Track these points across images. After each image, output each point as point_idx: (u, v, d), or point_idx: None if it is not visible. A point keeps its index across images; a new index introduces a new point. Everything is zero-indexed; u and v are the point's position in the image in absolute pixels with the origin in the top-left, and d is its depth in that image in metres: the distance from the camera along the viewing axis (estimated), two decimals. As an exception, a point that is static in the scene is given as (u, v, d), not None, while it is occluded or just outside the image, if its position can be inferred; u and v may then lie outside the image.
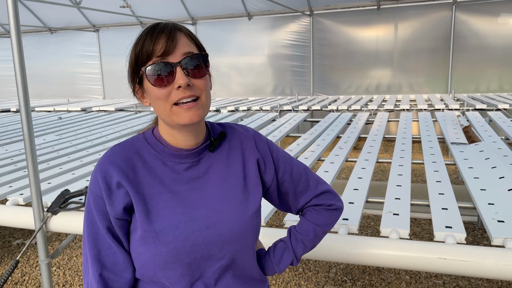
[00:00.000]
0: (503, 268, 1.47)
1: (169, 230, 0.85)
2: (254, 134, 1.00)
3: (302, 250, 1.06)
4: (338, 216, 1.07)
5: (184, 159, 0.91)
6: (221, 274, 0.91)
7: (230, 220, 0.89)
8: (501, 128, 3.82)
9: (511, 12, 7.75)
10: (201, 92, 0.86)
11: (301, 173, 1.03)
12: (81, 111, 6.90)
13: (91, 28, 10.59)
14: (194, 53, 0.85)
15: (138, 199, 0.86)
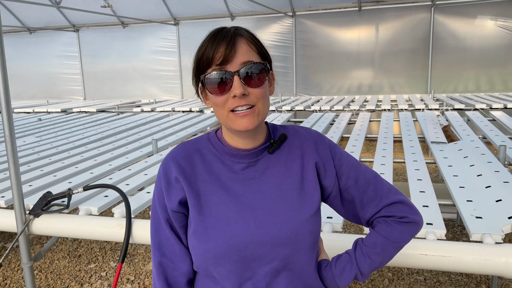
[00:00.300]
0: (481, 263, 1.51)
1: (219, 226, 0.88)
2: (316, 137, 0.97)
3: (368, 265, 0.95)
4: (413, 230, 0.95)
5: (241, 159, 0.93)
6: (273, 278, 0.90)
7: (281, 222, 0.88)
8: (479, 127, 3.92)
9: (487, 14, 7.96)
10: (256, 100, 0.87)
11: (368, 181, 0.96)
12: (61, 112, 6.79)
13: (71, 28, 10.43)
14: (253, 62, 0.86)
15: (192, 195, 0.91)
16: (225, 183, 0.91)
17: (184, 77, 9.99)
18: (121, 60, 10.33)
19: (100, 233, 2.00)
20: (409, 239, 0.96)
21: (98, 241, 4.06)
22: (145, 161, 3.09)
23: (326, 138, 0.99)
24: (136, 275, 3.39)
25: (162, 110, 6.54)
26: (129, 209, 2.01)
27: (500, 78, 8.12)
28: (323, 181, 0.95)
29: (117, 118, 5.68)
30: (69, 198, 2.15)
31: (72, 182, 2.60)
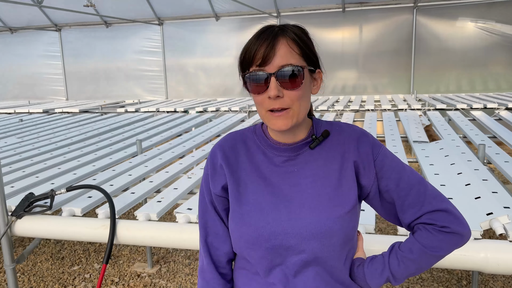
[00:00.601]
0: (461, 258, 1.55)
1: (253, 214, 0.93)
2: (359, 136, 0.96)
3: (402, 270, 0.94)
4: (455, 241, 0.92)
5: (282, 153, 0.96)
6: (301, 268, 0.93)
7: (313, 216, 0.90)
8: (460, 127, 4.00)
9: (468, 16, 8.12)
10: (291, 103, 0.89)
11: (411, 185, 0.93)
12: (43, 112, 6.69)
13: (53, 27, 10.28)
14: (291, 64, 0.87)
15: (233, 182, 0.97)
16: (265, 174, 0.96)
17: (169, 77, 9.94)
18: (105, 60, 10.22)
19: (84, 234, 1.99)
20: (451, 250, 0.93)
21: (81, 243, 4.01)
22: (129, 161, 3.07)
23: (370, 137, 0.97)
24: (120, 277, 3.36)
25: (147, 110, 6.49)
26: (113, 209, 2.00)
27: (481, 79, 8.29)
28: (362, 180, 0.95)
29: (101, 118, 5.62)
30: (52, 199, 2.13)
31: (55, 183, 2.57)
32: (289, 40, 0.89)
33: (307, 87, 0.92)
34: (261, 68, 0.88)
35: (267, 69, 0.87)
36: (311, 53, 0.93)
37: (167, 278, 3.32)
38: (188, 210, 2.06)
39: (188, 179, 2.61)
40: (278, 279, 0.94)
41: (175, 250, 3.80)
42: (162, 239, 1.90)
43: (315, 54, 0.94)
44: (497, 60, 8.15)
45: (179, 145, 3.62)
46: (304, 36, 0.92)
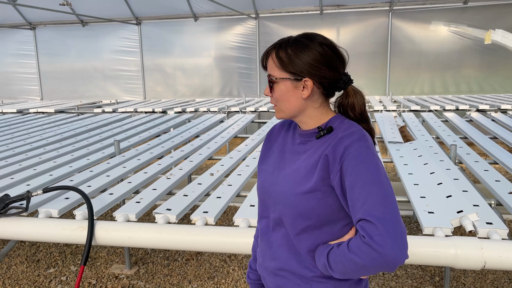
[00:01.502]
0: (433, 255, 1.61)
1: (262, 173, 1.24)
2: (343, 136, 1.07)
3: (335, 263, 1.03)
4: (371, 256, 0.93)
5: (300, 137, 1.19)
6: (276, 225, 1.18)
7: (284, 187, 1.13)
8: (432, 127, 4.12)
9: (441, 20, 8.34)
10: (275, 102, 1.16)
11: (363, 191, 0.98)
12: (17, 112, 6.54)
13: (27, 26, 10.04)
14: (270, 75, 1.14)
15: (266, 148, 1.29)
16: (285, 149, 1.22)
17: (147, 77, 9.85)
18: (81, 59, 10.05)
19: (61, 235, 1.97)
20: (367, 263, 0.94)
21: (57, 245, 3.95)
22: (107, 162, 3.04)
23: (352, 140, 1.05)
24: (98, 279, 3.33)
25: (124, 111, 6.42)
26: (91, 210, 1.98)
27: (453, 81, 8.54)
28: (330, 173, 1.06)
29: (77, 119, 5.54)
30: (28, 200, 2.09)
31: (31, 184, 2.53)
32: (274, 56, 1.13)
33: (284, 92, 1.13)
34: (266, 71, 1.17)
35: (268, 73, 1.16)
36: (293, 66, 1.09)
37: (146, 279, 3.31)
38: (167, 210, 2.07)
39: (167, 179, 2.61)
40: (262, 228, 1.24)
41: (154, 251, 3.78)
42: (141, 240, 1.90)
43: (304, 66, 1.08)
44: (469, 63, 8.41)
45: (158, 146, 3.60)
46: (293, 52, 1.09)
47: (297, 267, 1.15)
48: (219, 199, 2.25)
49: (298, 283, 1.15)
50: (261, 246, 1.25)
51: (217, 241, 1.83)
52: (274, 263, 1.19)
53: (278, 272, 1.19)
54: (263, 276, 1.27)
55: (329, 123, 1.14)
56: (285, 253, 1.16)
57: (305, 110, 1.14)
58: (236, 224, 1.97)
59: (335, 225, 1.11)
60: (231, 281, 3.24)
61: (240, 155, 3.27)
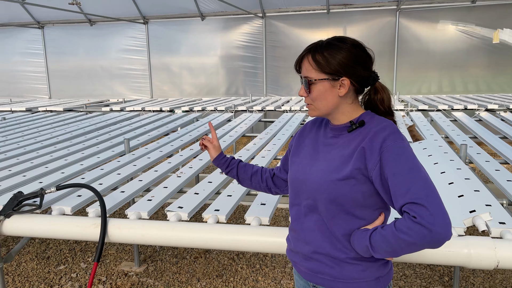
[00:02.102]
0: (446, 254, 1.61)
1: (294, 165, 1.33)
2: (378, 129, 1.16)
3: (378, 243, 1.12)
4: (422, 234, 1.03)
5: (332, 131, 1.29)
6: (308, 211, 1.26)
7: (317, 175, 1.22)
8: (441, 127, 4.11)
9: (449, 19, 8.30)
10: (312, 101, 1.24)
11: (405, 177, 1.08)
12: (27, 111, 6.59)
13: (35, 24, 10.11)
14: (307, 77, 1.21)
15: (297, 142, 1.38)
16: (318, 142, 1.32)
17: (154, 76, 9.89)
18: (88, 58, 10.10)
19: (74, 232, 1.99)
20: (417, 240, 1.04)
21: (67, 242, 3.98)
22: (117, 160, 3.06)
23: (387, 132, 1.15)
24: (107, 276, 3.35)
25: (132, 109, 6.46)
26: (104, 207, 2.00)
27: (461, 80, 8.50)
28: (368, 164, 1.15)
29: (86, 117, 5.57)
30: (42, 198, 2.12)
31: (43, 182, 2.55)
32: (310, 59, 1.21)
33: (321, 93, 1.22)
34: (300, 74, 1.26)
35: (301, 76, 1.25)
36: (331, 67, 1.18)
37: (155, 276, 3.33)
38: (179, 208, 2.08)
39: (178, 178, 2.62)
40: (293, 214, 1.33)
41: (162, 249, 3.80)
42: (154, 237, 1.91)
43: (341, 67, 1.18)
44: (477, 62, 8.37)
45: (167, 144, 3.62)
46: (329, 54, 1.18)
47: (331, 249, 1.23)
48: (229, 198, 2.26)
49: (331, 265, 1.23)
50: (292, 232, 1.34)
51: (230, 239, 1.84)
52: (307, 247, 1.27)
53: (311, 255, 1.26)
54: (294, 261, 1.34)
55: (360, 118, 1.24)
56: (318, 237, 1.24)
57: (339, 107, 1.24)
58: (248, 222, 1.98)
59: (367, 210, 1.20)
60: (240, 279, 3.25)
61: (249, 153, 3.28)
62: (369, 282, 1.22)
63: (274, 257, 3.58)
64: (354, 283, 1.21)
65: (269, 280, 3.23)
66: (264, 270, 3.38)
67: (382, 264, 1.24)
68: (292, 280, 3.21)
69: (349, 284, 1.22)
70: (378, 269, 1.23)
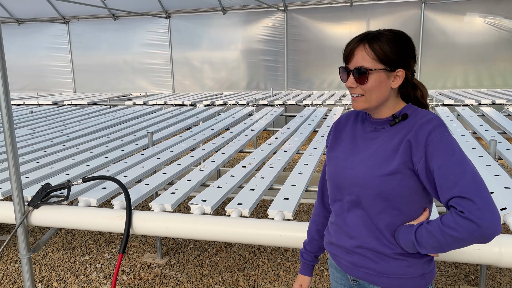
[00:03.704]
0: (476, 253, 1.58)
1: (333, 160, 1.31)
2: (423, 122, 1.15)
3: (425, 239, 1.11)
4: (470, 229, 1.02)
5: (371, 125, 1.27)
6: (352, 207, 1.25)
7: (361, 170, 1.21)
8: (469, 122, 4.00)
9: (476, 12, 8.07)
10: (363, 92, 1.19)
11: (452, 171, 1.07)
12: (53, 104, 6.73)
13: (60, 20, 10.30)
14: (362, 67, 1.16)
15: (334, 139, 1.35)
16: (356, 137, 1.30)
17: (176, 70, 9.96)
18: (112, 52, 10.24)
19: (100, 224, 2.02)
20: (465, 236, 1.03)
21: (92, 233, 4.06)
22: (141, 153, 3.10)
23: (432, 125, 1.13)
24: (131, 267, 3.40)
25: (155, 103, 6.52)
26: (129, 200, 2.03)
27: (488, 74, 8.26)
28: (413, 157, 1.14)
29: (110, 111, 5.66)
30: (69, 189, 2.16)
31: (70, 174, 2.60)
32: (367, 47, 1.17)
33: (377, 83, 1.18)
34: (346, 64, 1.21)
35: (349, 66, 1.19)
36: (388, 57, 1.16)
37: (177, 269, 3.36)
38: (203, 201, 2.09)
39: (201, 171, 2.64)
40: (336, 209, 1.31)
41: (184, 241, 3.84)
42: (177, 230, 1.93)
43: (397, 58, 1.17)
44: (505, 56, 8.11)
45: (189, 138, 3.64)
46: (386, 44, 1.16)
47: (377, 244, 1.22)
48: (252, 192, 2.26)
49: (375, 260, 1.22)
50: (335, 226, 1.33)
51: (253, 233, 1.84)
52: (352, 241, 1.26)
53: (355, 249, 1.25)
54: (335, 254, 1.33)
55: (403, 111, 1.22)
56: (363, 232, 1.23)
57: (388, 100, 1.22)
58: (271, 216, 1.97)
59: (412, 206, 1.19)
60: (261, 273, 3.26)
61: (271, 148, 3.27)
62: (414, 278, 1.20)
63: (296, 251, 3.57)
64: (399, 279, 1.21)
65: (291, 275, 3.22)
66: (285, 264, 3.38)
67: (427, 260, 1.23)
68: (315, 275, 3.19)
69: (393, 279, 1.21)
70: (423, 265, 1.21)
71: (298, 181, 2.40)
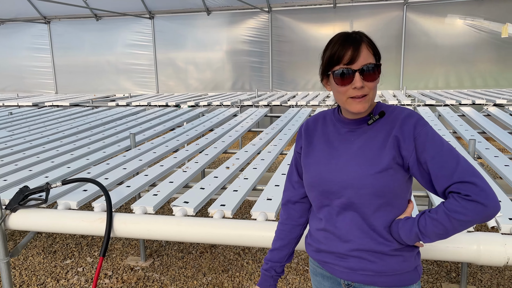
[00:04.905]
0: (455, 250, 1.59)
1: (314, 166, 1.26)
2: (405, 116, 1.17)
3: (429, 228, 1.12)
4: (477, 210, 1.06)
5: (346, 125, 1.25)
6: (342, 210, 1.22)
7: (350, 171, 1.18)
8: (449, 122, 4.06)
9: (457, 13, 8.21)
10: (369, 91, 1.16)
11: (446, 159, 1.10)
12: (33, 106, 6.61)
13: (41, 20, 10.13)
14: (371, 63, 1.14)
15: (306, 143, 1.32)
16: (330, 140, 1.27)
17: (160, 71, 9.88)
18: (94, 53, 10.12)
19: (80, 227, 1.99)
20: (473, 217, 1.07)
21: (73, 237, 4.00)
22: (123, 155, 3.06)
23: (415, 118, 1.16)
24: (114, 270, 3.36)
25: (138, 104, 6.46)
26: (110, 202, 2.00)
27: (468, 75, 8.41)
28: (402, 152, 1.16)
29: (92, 112, 5.58)
30: (47, 192, 2.12)
31: (49, 176, 2.55)
32: (367, 45, 1.16)
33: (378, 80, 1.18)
34: (348, 66, 1.14)
35: (353, 66, 1.13)
36: (379, 53, 1.19)
37: (161, 271, 3.33)
38: (185, 203, 2.07)
39: (184, 172, 2.62)
40: (324, 215, 1.27)
41: (168, 243, 3.80)
42: (159, 232, 1.91)
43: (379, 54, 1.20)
44: (485, 57, 8.27)
45: (173, 139, 3.62)
46: (373, 41, 1.18)
47: (373, 244, 1.21)
48: (235, 193, 2.25)
49: (373, 260, 1.21)
50: (324, 233, 1.28)
51: (235, 234, 1.83)
52: (346, 245, 1.23)
53: (351, 253, 1.23)
54: (326, 261, 1.29)
55: (378, 109, 1.23)
56: (357, 234, 1.21)
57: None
58: (254, 217, 1.97)
59: (401, 199, 1.21)
60: (246, 274, 3.25)
61: (255, 149, 3.26)
62: (410, 272, 1.22)
63: (280, 252, 3.57)
64: (397, 275, 1.21)
65: (275, 275, 3.22)
66: (270, 265, 3.37)
67: (417, 253, 1.26)
68: (298, 275, 3.20)
69: (392, 277, 1.21)
70: (416, 258, 1.24)
71: (282, 182, 2.40)
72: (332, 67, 1.17)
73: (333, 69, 1.16)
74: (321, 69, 1.23)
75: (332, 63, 1.16)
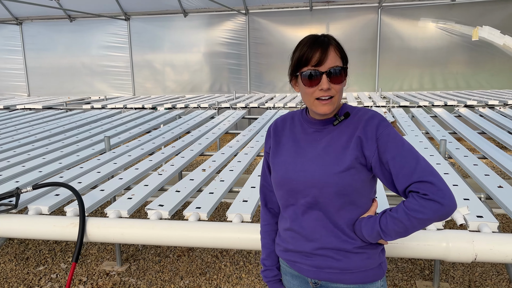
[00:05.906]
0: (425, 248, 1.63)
1: (281, 165, 1.29)
2: (368, 118, 1.21)
3: (390, 226, 1.16)
4: (434, 209, 1.10)
5: (313, 125, 1.28)
6: (307, 209, 1.25)
7: (315, 170, 1.21)
8: (422, 123, 4.16)
9: (429, 17, 8.41)
10: (336, 93, 1.19)
11: (406, 159, 1.14)
12: (4, 109, 6.44)
13: (13, 21, 9.88)
14: (338, 66, 1.17)
15: (275, 143, 1.35)
16: (298, 139, 1.30)
17: (136, 73, 9.76)
18: (68, 55, 9.92)
19: (52, 232, 1.95)
20: (431, 216, 1.11)
21: (47, 243, 3.91)
22: (97, 158, 3.01)
23: (377, 119, 1.20)
24: (88, 276, 3.30)
25: (114, 107, 6.37)
26: (82, 206, 1.96)
27: (441, 77, 8.62)
28: (365, 152, 1.19)
29: (66, 115, 5.47)
30: (18, 197, 2.07)
31: (20, 181, 2.49)
32: (335, 47, 1.18)
33: (345, 82, 1.22)
34: (316, 68, 1.17)
35: (321, 68, 1.16)
36: (346, 57, 1.22)
37: (137, 276, 3.29)
38: (160, 206, 2.06)
39: (159, 175, 2.59)
40: (289, 214, 1.30)
41: (145, 247, 3.76)
42: (134, 236, 1.89)
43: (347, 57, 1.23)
44: (457, 59, 8.49)
45: (148, 142, 3.58)
46: (341, 45, 1.21)
47: (337, 242, 1.24)
48: (211, 195, 2.25)
49: (338, 258, 1.24)
50: (290, 232, 1.31)
51: (211, 237, 1.83)
52: (312, 244, 1.26)
53: (316, 251, 1.26)
54: (293, 260, 1.32)
55: (344, 110, 1.27)
56: (322, 232, 1.24)
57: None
58: (229, 219, 1.97)
59: (365, 198, 1.25)
60: (223, 276, 3.24)
61: (232, 151, 3.26)
62: (374, 269, 1.25)
63: (258, 254, 3.58)
64: (361, 272, 1.24)
65: (253, 277, 3.22)
66: (248, 267, 3.38)
67: (381, 250, 1.29)
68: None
69: (357, 273, 1.24)
70: (380, 255, 1.27)
71: (258, 183, 2.41)
72: (300, 68, 1.20)
73: (301, 70, 1.19)
74: (290, 70, 1.26)
75: (300, 64, 1.19)
